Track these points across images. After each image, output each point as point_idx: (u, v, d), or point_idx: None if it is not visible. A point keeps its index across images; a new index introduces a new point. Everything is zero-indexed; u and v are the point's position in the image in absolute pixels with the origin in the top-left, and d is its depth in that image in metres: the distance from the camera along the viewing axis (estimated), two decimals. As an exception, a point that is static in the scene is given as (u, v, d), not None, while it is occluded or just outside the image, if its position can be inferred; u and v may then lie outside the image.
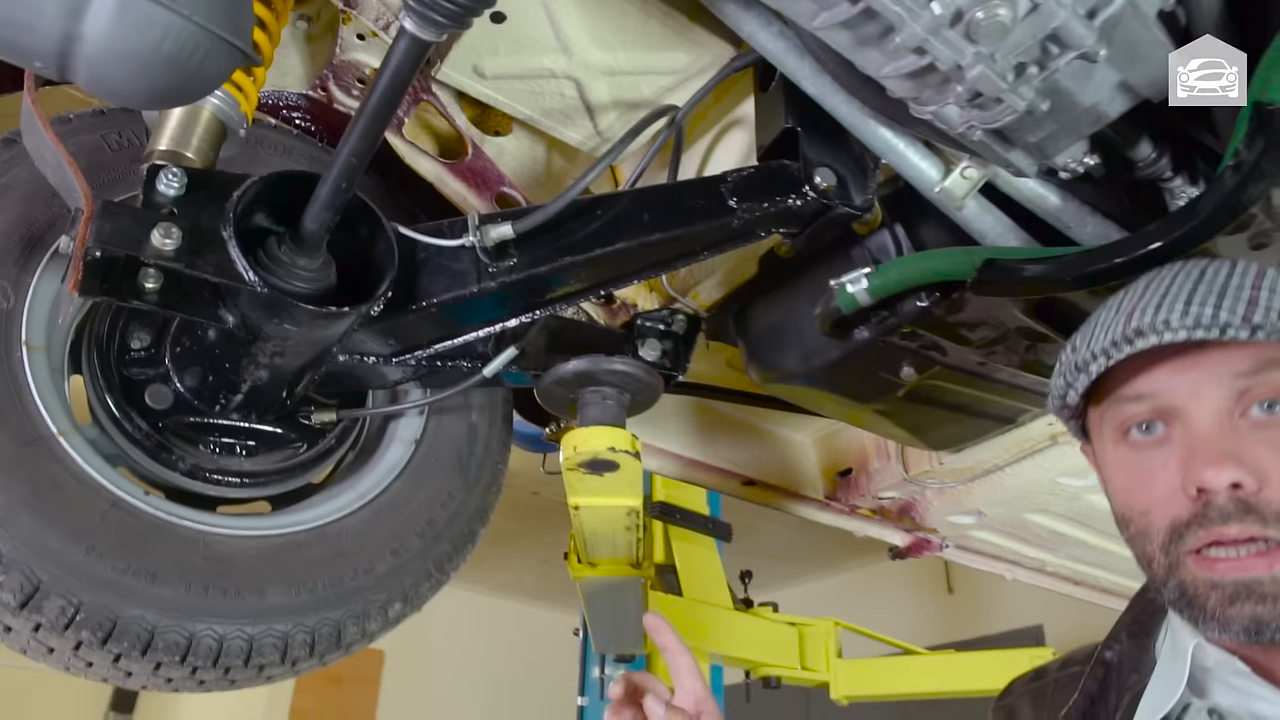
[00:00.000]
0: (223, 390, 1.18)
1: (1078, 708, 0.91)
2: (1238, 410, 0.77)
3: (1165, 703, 0.83)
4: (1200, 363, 0.78)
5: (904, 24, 0.81)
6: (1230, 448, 0.75)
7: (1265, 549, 0.73)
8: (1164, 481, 0.79)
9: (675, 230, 1.10)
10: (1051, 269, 1.02)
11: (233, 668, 1.07)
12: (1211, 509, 0.75)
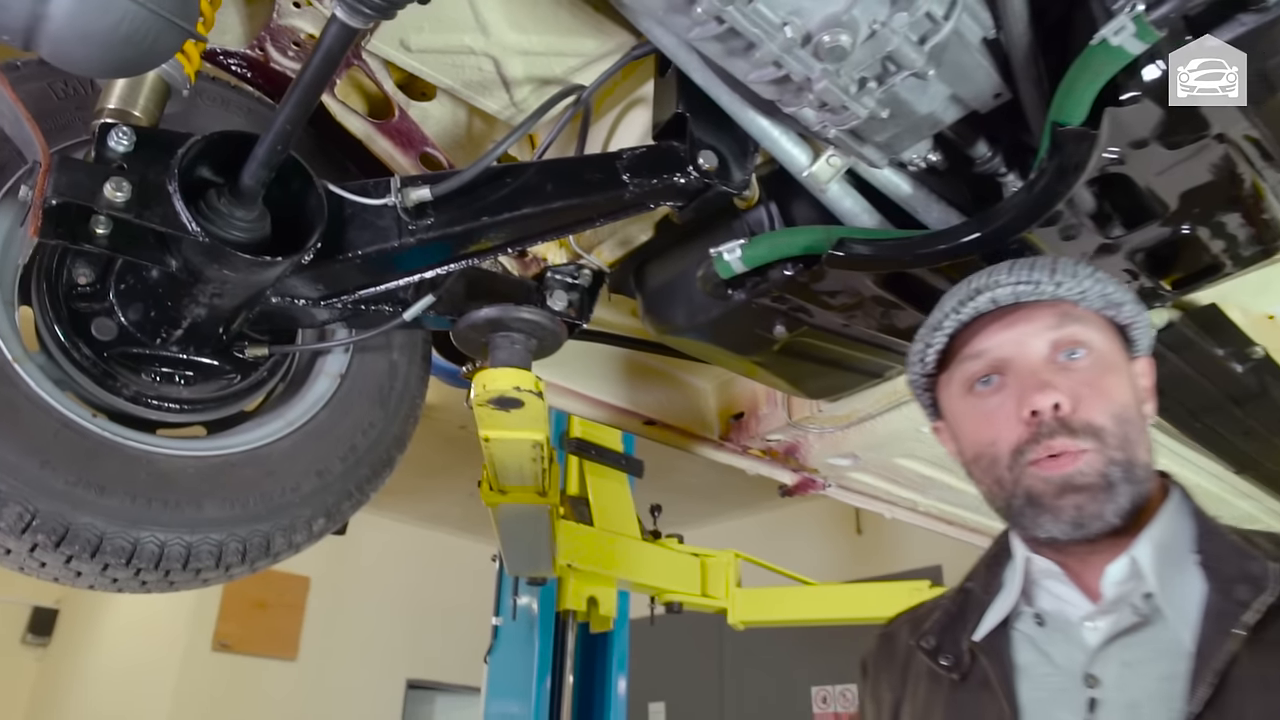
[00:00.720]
0: (164, 325, 1.30)
1: (938, 623, 1.10)
2: (1051, 356, 1.00)
3: (1004, 609, 1.03)
4: (1021, 321, 1.02)
5: (762, 42, 0.96)
6: (1050, 380, 0.98)
7: (1076, 455, 0.95)
8: (1004, 416, 1.00)
9: (575, 199, 1.25)
10: (892, 249, 1.20)
11: (172, 570, 1.21)
12: (1043, 427, 0.96)
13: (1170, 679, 0.90)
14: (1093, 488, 0.95)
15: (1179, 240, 1.25)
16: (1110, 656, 0.95)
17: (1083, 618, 0.98)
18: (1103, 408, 0.97)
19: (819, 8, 0.94)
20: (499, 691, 2.93)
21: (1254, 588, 0.90)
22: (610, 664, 3.19)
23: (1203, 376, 1.64)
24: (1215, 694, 0.86)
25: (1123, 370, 1.02)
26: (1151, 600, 0.95)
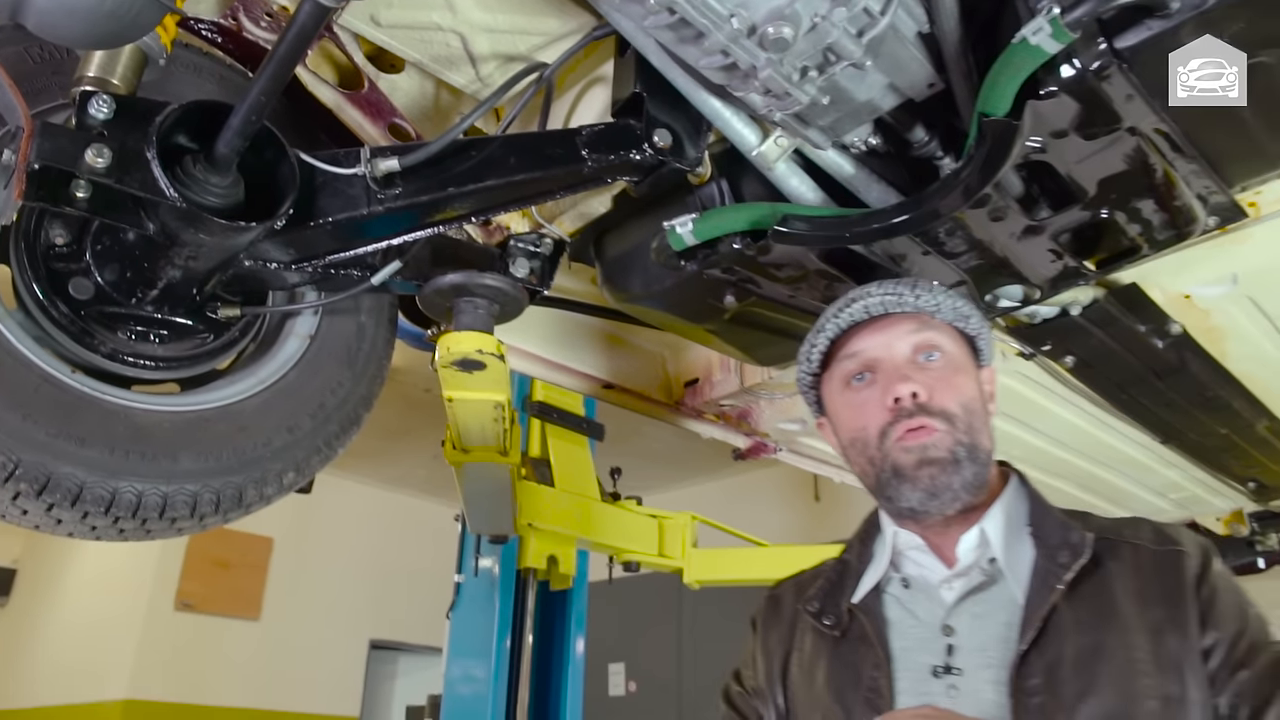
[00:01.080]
0: (140, 285, 1.36)
1: (821, 590, 1.27)
2: (912, 357, 1.18)
3: (876, 576, 1.22)
4: (888, 327, 1.21)
5: (710, 32, 1.03)
6: (910, 374, 1.16)
7: (930, 430, 1.13)
8: (873, 405, 1.19)
9: (536, 173, 1.32)
10: (831, 226, 1.29)
11: (149, 519, 1.28)
12: (903, 411, 1.15)
13: (1009, 625, 1.11)
14: (943, 461, 1.14)
15: (1099, 223, 1.34)
16: (963, 610, 1.15)
17: (941, 580, 1.18)
18: (952, 398, 1.17)
19: (764, 1, 1.02)
20: (460, 648, 3.02)
21: (1072, 553, 1.12)
22: (569, 622, 3.29)
23: (1126, 351, 1.75)
24: (1039, 635, 1.07)
25: (970, 372, 1.22)
26: (995, 564, 1.15)
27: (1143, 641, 1.07)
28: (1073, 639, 1.08)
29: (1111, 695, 1.04)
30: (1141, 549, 1.15)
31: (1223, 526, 3.10)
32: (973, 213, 1.28)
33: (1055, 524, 1.17)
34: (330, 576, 7.35)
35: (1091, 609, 1.10)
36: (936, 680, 1.13)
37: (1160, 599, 1.10)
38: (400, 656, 8.05)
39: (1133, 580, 1.12)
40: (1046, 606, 1.09)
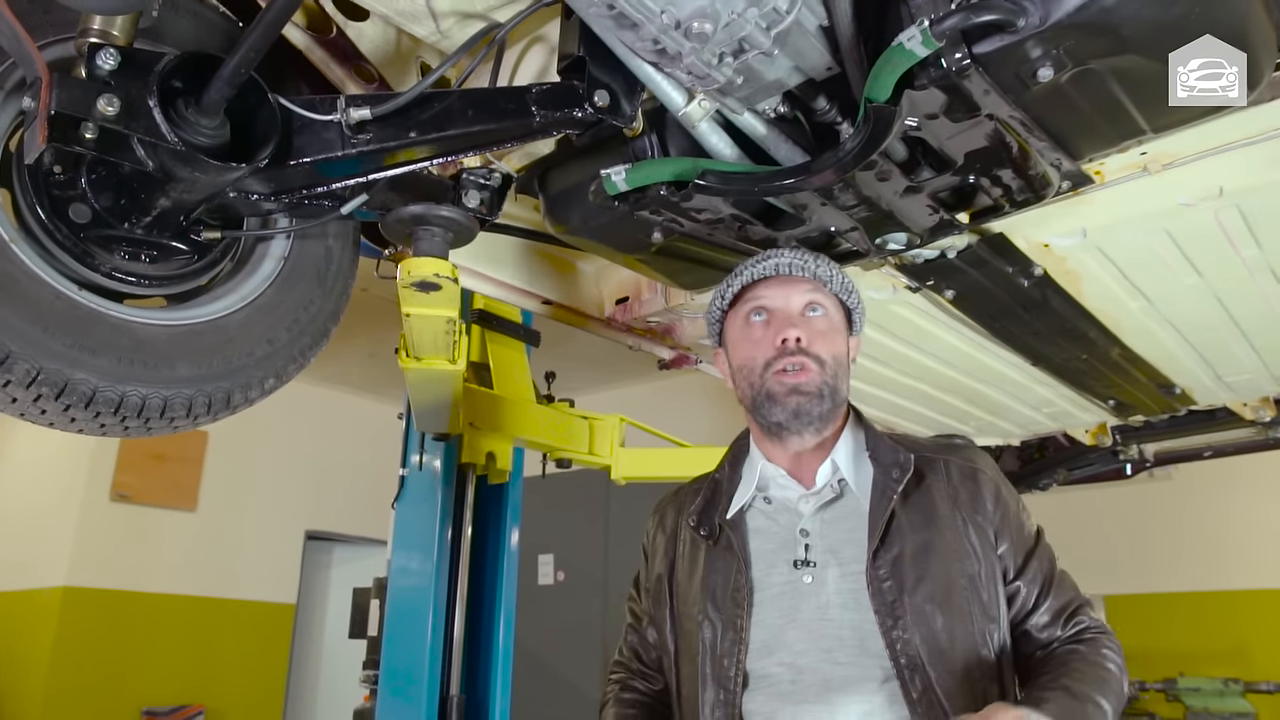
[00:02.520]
0: (134, 212, 1.52)
1: (697, 508, 1.56)
2: (802, 310, 1.50)
3: (745, 497, 1.51)
4: (788, 284, 1.52)
5: (644, 24, 1.23)
6: (797, 323, 1.45)
7: (802, 370, 1.43)
8: (765, 342, 1.48)
9: (490, 125, 1.51)
10: (743, 181, 1.51)
11: (151, 419, 1.48)
12: (786, 350, 1.44)
13: (855, 530, 1.43)
14: (810, 393, 1.45)
15: (967, 186, 1.59)
16: (816, 519, 1.46)
17: (799, 498, 1.48)
18: (826, 348, 1.48)
19: (689, 1, 1.21)
20: (404, 538, 3.26)
21: (901, 470, 1.44)
22: (506, 514, 3.55)
23: (997, 288, 2.04)
24: (884, 535, 1.40)
25: (843, 334, 1.53)
26: (844, 483, 1.48)
27: (953, 536, 1.42)
28: (909, 537, 1.41)
29: (938, 578, 1.38)
30: (951, 464, 1.50)
31: (1090, 438, 3.49)
32: (862, 174, 1.52)
33: (887, 448, 1.49)
34: (266, 470, 7.49)
35: (920, 513, 1.43)
36: (796, 571, 1.43)
37: (967, 503, 1.46)
38: (335, 547, 8.29)
39: (946, 489, 1.47)
40: (887, 513, 1.41)
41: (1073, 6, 1.20)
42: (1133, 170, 1.67)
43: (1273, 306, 2.24)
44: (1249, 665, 5.12)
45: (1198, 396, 3.00)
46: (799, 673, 1.37)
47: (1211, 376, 2.79)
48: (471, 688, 3.20)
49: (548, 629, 7.34)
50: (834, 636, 1.37)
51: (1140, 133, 1.50)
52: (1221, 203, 1.72)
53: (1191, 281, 2.08)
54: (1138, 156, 1.64)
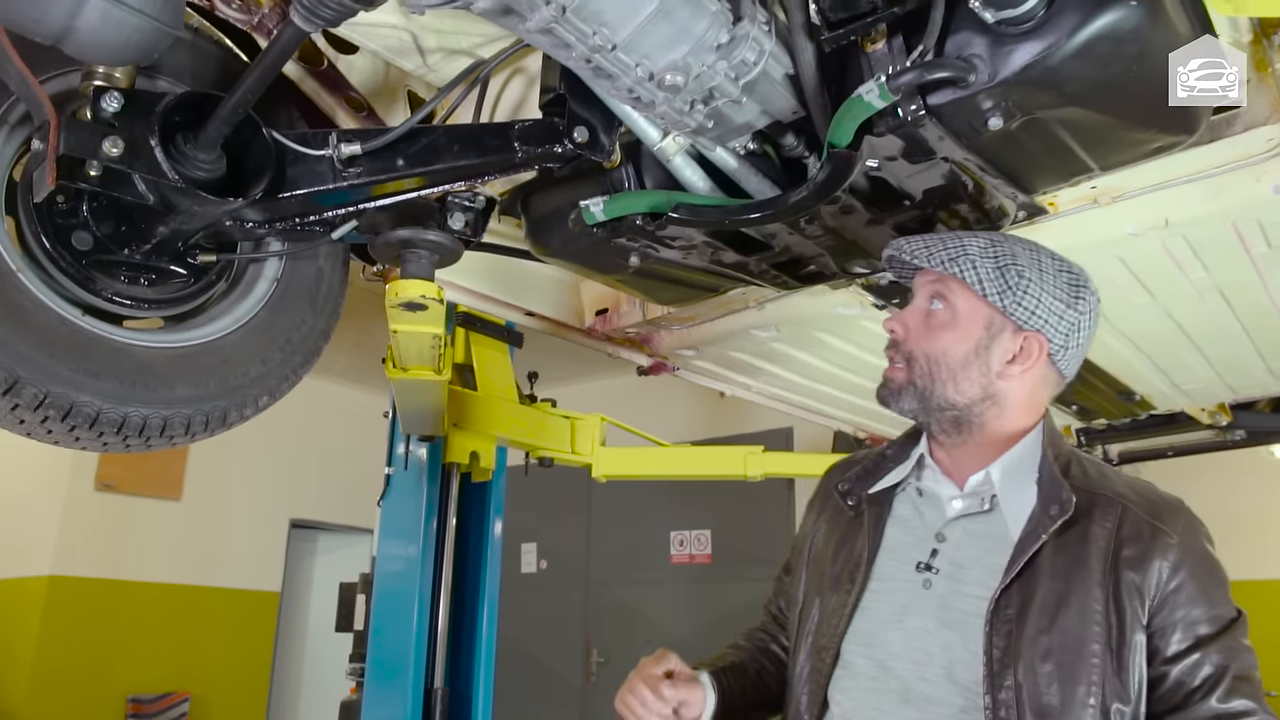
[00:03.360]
0: (134, 239, 1.60)
1: (855, 475, 1.51)
2: (926, 302, 1.44)
3: (896, 479, 1.47)
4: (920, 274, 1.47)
5: (620, 77, 1.32)
6: (905, 314, 1.46)
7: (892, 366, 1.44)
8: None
9: (474, 160, 1.59)
10: (713, 214, 1.60)
11: (151, 437, 1.56)
12: (890, 341, 1.46)
13: (993, 552, 1.31)
14: (891, 389, 1.43)
15: (927, 218, 1.69)
16: (958, 526, 1.37)
17: (949, 496, 1.40)
18: (921, 345, 1.40)
19: (662, 56, 1.29)
20: (390, 533, 3.35)
21: (1060, 509, 1.28)
22: (489, 509, 3.65)
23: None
24: (1022, 572, 1.26)
25: (967, 330, 1.38)
26: (995, 500, 1.36)
27: (1100, 594, 1.24)
28: (1046, 583, 1.25)
29: (1067, 635, 1.22)
30: (1130, 511, 1.30)
31: (1055, 438, 3.61)
32: (827, 208, 1.61)
33: (1053, 480, 1.32)
34: (251, 459, 7.51)
35: (1068, 558, 1.26)
36: (917, 573, 1.35)
37: (1131, 563, 1.25)
38: (320, 535, 8.35)
39: (1108, 538, 1.27)
40: (1032, 550, 1.27)
41: (1019, 66, 1.29)
42: (1084, 202, 1.77)
43: (1222, 323, 2.35)
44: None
45: (1156, 402, 3.12)
46: (886, 674, 1.32)
47: (1168, 384, 2.91)
48: (455, 680, 3.29)
49: (530, 617, 7.46)
50: (926, 651, 1.30)
51: (1089, 170, 1.60)
52: (1168, 232, 1.82)
53: (1143, 301, 2.19)
54: (1088, 190, 1.74)
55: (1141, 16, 1.25)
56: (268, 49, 1.35)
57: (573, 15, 1.19)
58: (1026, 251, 1.40)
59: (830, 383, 2.91)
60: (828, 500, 1.55)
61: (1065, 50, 1.26)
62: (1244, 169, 1.65)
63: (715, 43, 1.30)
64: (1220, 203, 1.72)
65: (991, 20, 1.28)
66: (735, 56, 1.32)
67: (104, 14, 1.17)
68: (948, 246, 1.40)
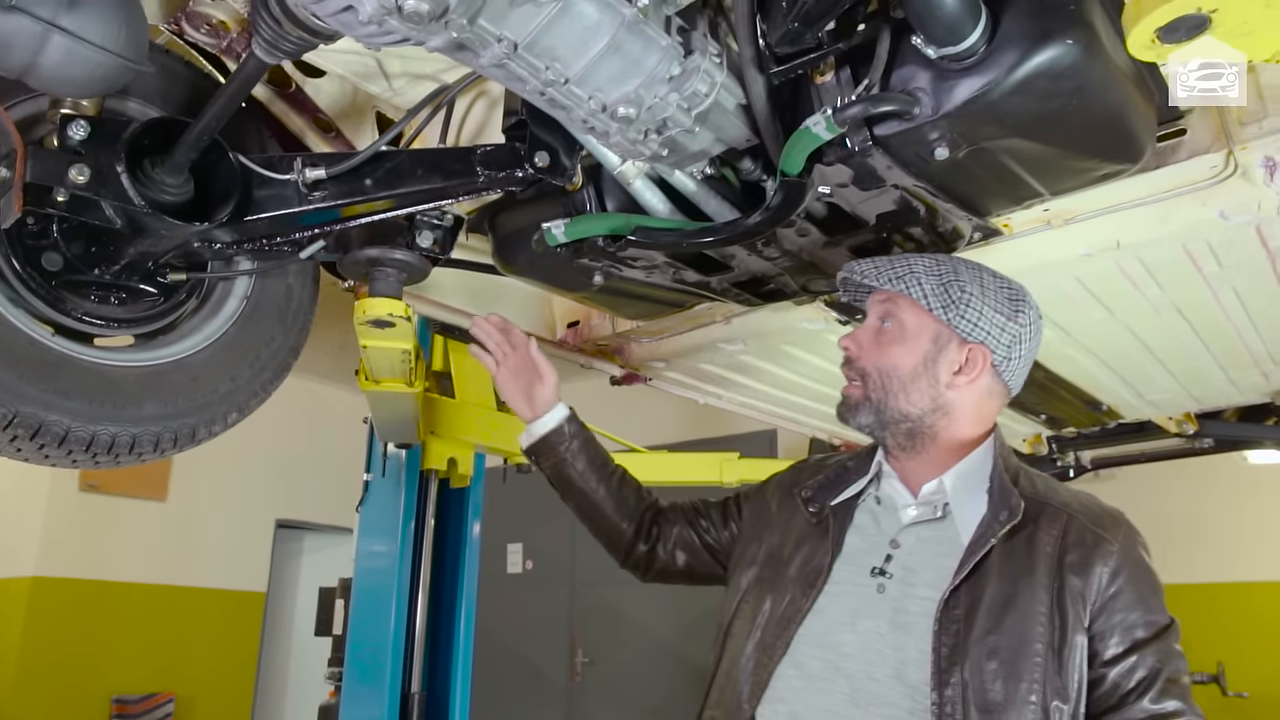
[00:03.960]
0: (104, 260, 1.63)
1: (818, 484, 1.57)
2: (877, 320, 1.52)
3: (856, 490, 1.53)
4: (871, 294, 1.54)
5: (574, 109, 1.35)
6: (858, 333, 1.54)
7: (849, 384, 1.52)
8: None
9: (438, 183, 1.63)
10: (672, 236, 1.64)
11: (120, 454, 1.59)
12: (845, 360, 1.54)
13: (944, 557, 1.37)
14: (849, 405, 1.51)
15: (882, 240, 1.73)
16: (911, 533, 1.43)
17: (904, 504, 1.47)
18: (874, 362, 1.48)
19: (615, 88, 1.33)
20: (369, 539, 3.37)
21: (1009, 514, 1.36)
22: (467, 514, 3.68)
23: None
24: (970, 574, 1.33)
25: (915, 344, 1.45)
26: (948, 508, 1.43)
27: (1045, 597, 1.30)
28: (995, 584, 1.32)
29: (1012, 636, 1.28)
30: (1077, 521, 1.37)
31: (1027, 446, 3.66)
32: (783, 231, 1.65)
33: (1003, 488, 1.40)
34: (236, 459, 7.50)
35: (1016, 562, 1.33)
36: (871, 578, 1.40)
37: (1074, 567, 1.32)
38: (306, 535, 8.38)
39: (1054, 545, 1.35)
40: (981, 553, 1.34)
41: (960, 100, 1.33)
42: (1038, 224, 1.81)
43: (1181, 338, 2.40)
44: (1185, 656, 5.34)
45: (1124, 412, 3.17)
46: (835, 673, 1.35)
47: (1134, 395, 2.96)
48: (433, 685, 3.33)
49: (516, 617, 7.49)
50: (878, 652, 1.34)
51: (1039, 195, 1.64)
52: (1121, 253, 1.87)
53: (1101, 316, 2.23)
54: (1041, 213, 1.78)
55: (1079, 54, 1.29)
56: (231, 79, 1.39)
57: (525, 51, 1.22)
58: (969, 269, 1.49)
59: (800, 393, 2.96)
60: (789, 499, 1.60)
61: (1005, 86, 1.30)
62: (1190, 194, 1.69)
63: (667, 75, 1.34)
64: (1169, 226, 1.76)
65: (934, 56, 1.32)
66: (687, 88, 1.36)
67: (67, 51, 1.20)
68: (895, 266, 1.48)
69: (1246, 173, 1.61)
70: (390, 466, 3.38)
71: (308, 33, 1.25)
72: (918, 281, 1.45)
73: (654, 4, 1.29)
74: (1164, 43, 1.06)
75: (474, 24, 1.16)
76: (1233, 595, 5.54)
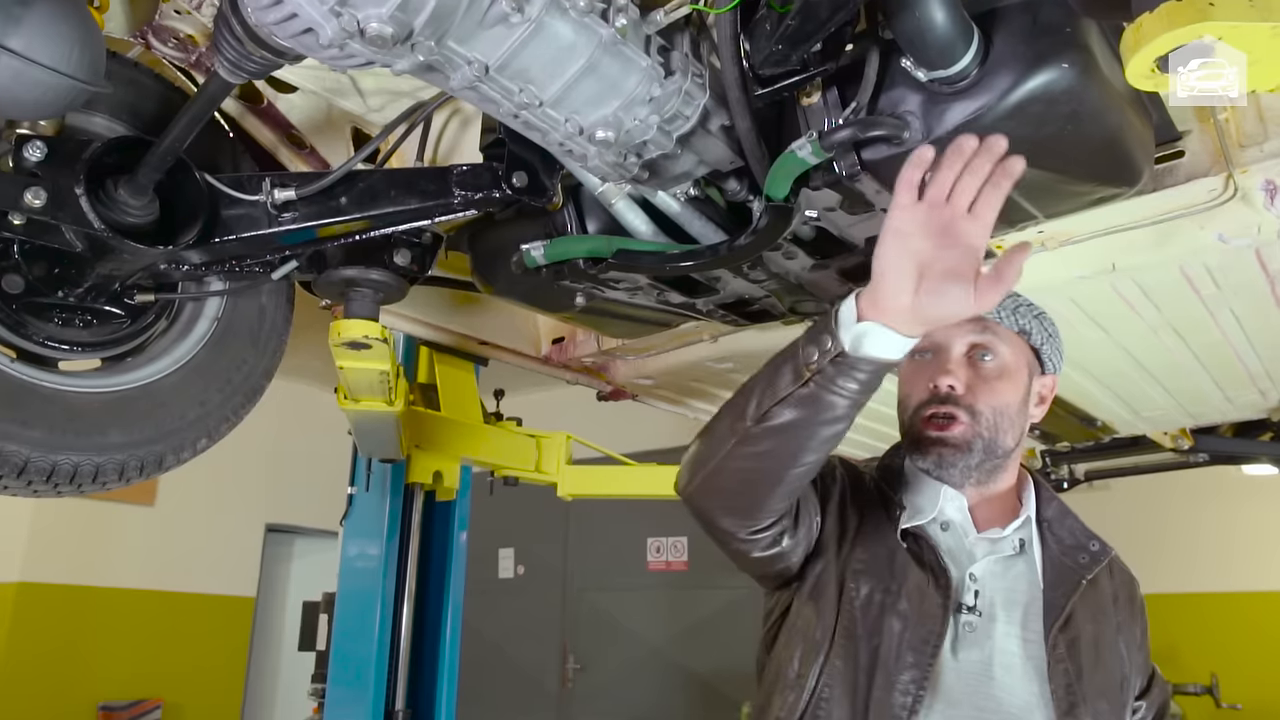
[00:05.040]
0: (66, 283, 1.57)
1: (873, 501, 1.44)
2: (969, 353, 1.40)
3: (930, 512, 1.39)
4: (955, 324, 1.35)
5: (549, 133, 1.30)
6: (954, 370, 1.38)
7: (951, 422, 1.36)
8: (922, 381, 1.40)
9: (412, 204, 1.57)
10: (653, 259, 1.59)
11: (84, 484, 1.53)
12: (937, 397, 1.37)
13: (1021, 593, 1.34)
14: (956, 446, 1.36)
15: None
16: (983, 566, 1.36)
17: (977, 536, 1.38)
18: (985, 399, 1.37)
19: (592, 111, 1.28)
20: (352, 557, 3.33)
21: (1093, 559, 1.37)
22: (453, 526, 3.63)
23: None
24: (1067, 619, 1.31)
25: (1016, 379, 1.40)
26: (1025, 544, 1.38)
27: (1115, 636, 1.37)
28: (1085, 626, 1.33)
29: (1111, 673, 1.33)
30: (1115, 559, 1.43)
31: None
32: (769, 254, 1.60)
33: (1078, 528, 1.41)
34: (226, 463, 7.36)
35: (1094, 604, 1.36)
36: (959, 614, 1.32)
37: (1125, 607, 1.41)
38: (296, 539, 8.31)
39: (1111, 586, 1.41)
40: (1074, 595, 1.33)
41: (952, 125, 1.28)
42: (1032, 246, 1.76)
43: (1177, 357, 2.35)
44: (1178, 667, 5.31)
45: (1118, 427, 3.13)
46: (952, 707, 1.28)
47: (1129, 411, 2.92)
48: (417, 701, 3.28)
49: (508, 623, 7.45)
50: (991, 696, 1.29)
51: (1033, 218, 1.59)
52: (1117, 275, 1.82)
53: (1097, 337, 2.18)
54: (1035, 234, 1.73)
55: (1074, 78, 1.24)
56: (195, 98, 1.33)
57: (497, 74, 1.17)
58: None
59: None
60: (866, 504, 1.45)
61: (998, 111, 1.25)
62: (1188, 217, 1.64)
63: (647, 96, 1.29)
64: (1167, 249, 1.72)
65: (925, 79, 1.27)
66: (668, 110, 1.31)
67: (16, 73, 1.15)
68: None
69: (1246, 196, 1.56)
70: (374, 480, 3.34)
71: (271, 53, 1.19)
72: (1013, 311, 1.42)
73: (633, 24, 1.24)
74: (1165, 72, 1.01)
75: (442, 46, 1.11)
76: (1227, 605, 5.50)
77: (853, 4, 1.15)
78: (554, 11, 1.13)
